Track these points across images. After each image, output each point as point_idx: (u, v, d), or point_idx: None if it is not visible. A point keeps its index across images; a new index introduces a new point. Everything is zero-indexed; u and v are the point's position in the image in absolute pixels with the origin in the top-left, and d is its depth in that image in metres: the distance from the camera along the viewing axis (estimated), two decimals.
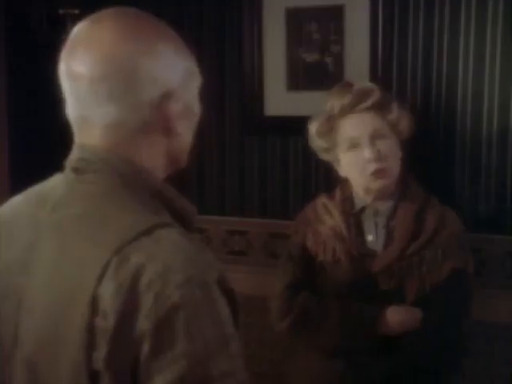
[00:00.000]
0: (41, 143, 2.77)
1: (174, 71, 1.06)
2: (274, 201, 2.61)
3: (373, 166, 1.79)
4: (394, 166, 1.84)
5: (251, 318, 1.81)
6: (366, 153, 1.78)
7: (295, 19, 2.47)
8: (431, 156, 2.35)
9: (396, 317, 1.74)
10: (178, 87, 1.06)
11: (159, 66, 1.04)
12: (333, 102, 1.85)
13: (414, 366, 1.73)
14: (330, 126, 1.85)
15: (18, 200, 1.15)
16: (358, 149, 1.81)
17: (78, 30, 1.05)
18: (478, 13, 2.24)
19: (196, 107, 1.14)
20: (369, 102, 1.80)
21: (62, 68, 1.05)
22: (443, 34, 2.29)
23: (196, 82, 1.13)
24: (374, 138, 1.80)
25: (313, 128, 1.88)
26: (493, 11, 2.22)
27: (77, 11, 2.60)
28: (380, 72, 2.37)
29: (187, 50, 1.11)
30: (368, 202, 1.86)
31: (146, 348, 0.90)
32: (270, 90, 2.55)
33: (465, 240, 1.84)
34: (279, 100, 2.53)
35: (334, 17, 2.42)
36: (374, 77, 2.37)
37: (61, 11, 2.60)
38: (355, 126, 1.82)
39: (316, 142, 1.89)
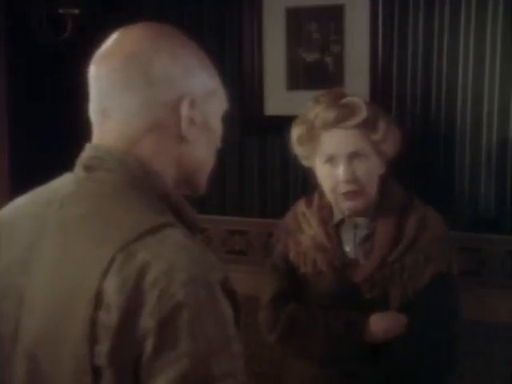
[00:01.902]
0: (41, 143, 2.77)
1: (195, 79, 1.09)
2: (273, 201, 2.61)
3: (345, 188, 1.75)
4: (370, 187, 1.78)
5: (251, 318, 1.80)
6: (341, 173, 1.74)
7: (295, 19, 2.47)
8: (431, 155, 2.35)
9: (380, 324, 1.73)
10: (197, 96, 1.09)
11: (178, 68, 1.07)
12: (318, 112, 1.78)
13: (401, 371, 1.71)
14: (311, 135, 1.80)
15: (21, 201, 1.15)
16: (333, 164, 1.76)
17: (110, 38, 1.11)
18: (478, 13, 2.24)
19: (215, 126, 1.16)
20: (353, 122, 1.73)
21: (91, 70, 1.10)
22: (443, 34, 2.29)
23: (219, 104, 1.16)
24: (353, 157, 1.74)
25: (294, 135, 1.84)
26: (493, 11, 2.22)
27: (77, 11, 2.60)
28: (380, 72, 2.37)
29: (214, 71, 1.16)
30: (346, 213, 1.82)
31: (148, 346, 0.90)
32: (270, 90, 2.55)
33: (448, 241, 1.80)
34: (279, 100, 2.53)
35: (333, 17, 2.42)
36: (373, 77, 2.37)
37: (61, 11, 2.60)
38: (335, 142, 1.76)
39: (296, 148, 1.86)
